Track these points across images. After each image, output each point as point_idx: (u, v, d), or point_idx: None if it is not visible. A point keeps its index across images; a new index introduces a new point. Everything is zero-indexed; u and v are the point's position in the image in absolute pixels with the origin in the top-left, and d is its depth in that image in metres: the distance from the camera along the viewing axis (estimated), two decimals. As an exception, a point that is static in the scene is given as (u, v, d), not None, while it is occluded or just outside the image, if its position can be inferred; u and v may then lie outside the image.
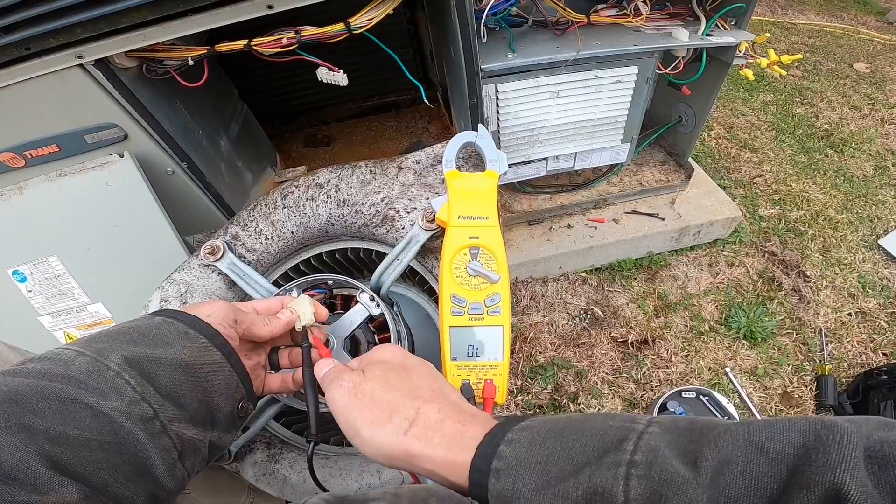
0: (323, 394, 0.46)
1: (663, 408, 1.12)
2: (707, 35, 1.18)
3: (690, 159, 1.60)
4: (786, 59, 1.29)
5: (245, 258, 0.72)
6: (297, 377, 0.54)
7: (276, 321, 0.52)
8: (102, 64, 0.77)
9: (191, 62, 0.80)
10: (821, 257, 1.59)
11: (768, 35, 1.42)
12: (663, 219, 1.52)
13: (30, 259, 0.92)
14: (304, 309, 0.53)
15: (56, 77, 0.77)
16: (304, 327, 0.53)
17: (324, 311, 0.55)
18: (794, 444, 0.27)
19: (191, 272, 0.71)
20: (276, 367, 0.55)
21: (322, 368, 0.48)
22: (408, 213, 0.70)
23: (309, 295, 0.57)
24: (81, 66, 0.76)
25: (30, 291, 0.95)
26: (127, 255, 0.95)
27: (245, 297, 0.72)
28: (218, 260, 0.70)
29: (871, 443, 0.25)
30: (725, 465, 0.28)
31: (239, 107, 1.33)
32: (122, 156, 0.88)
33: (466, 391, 0.56)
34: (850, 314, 1.44)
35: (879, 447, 0.25)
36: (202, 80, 0.84)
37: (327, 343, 0.58)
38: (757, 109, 2.22)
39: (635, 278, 1.54)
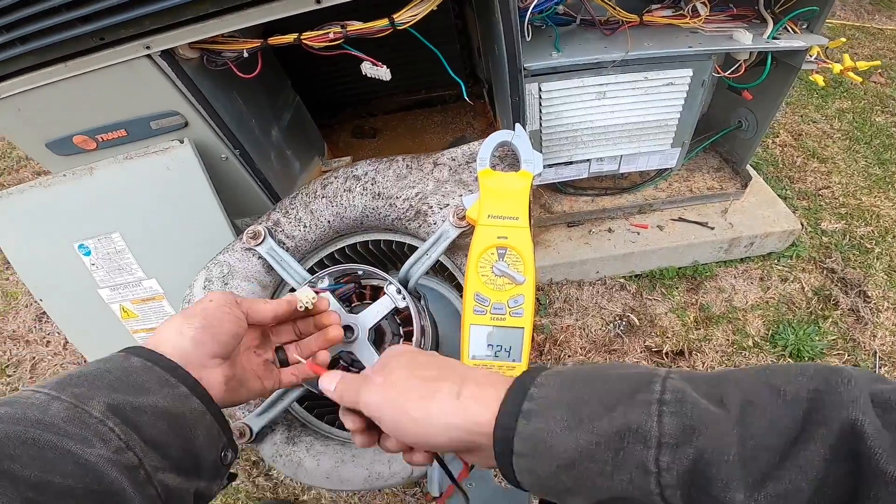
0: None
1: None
2: (774, 38, 1.11)
3: (749, 167, 1.51)
4: (861, 64, 1.19)
5: (284, 244, 0.75)
6: (303, 370, 0.54)
7: (277, 300, 0.53)
8: (168, 55, 0.82)
9: (246, 54, 0.85)
10: (885, 277, 1.47)
11: (844, 40, 1.32)
12: (712, 228, 1.45)
13: (95, 234, 1.00)
14: (302, 294, 0.54)
15: (126, 66, 0.83)
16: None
17: (325, 303, 0.56)
18: (807, 388, 0.29)
19: (234, 255, 0.76)
20: (284, 363, 0.56)
21: (331, 381, 0.46)
22: (440, 208, 0.71)
23: (329, 291, 0.60)
24: (149, 56, 0.82)
25: (93, 265, 1.03)
26: (180, 235, 1.01)
27: (281, 281, 0.76)
28: (259, 244, 0.74)
29: (873, 391, 0.27)
30: (748, 404, 0.30)
31: (292, 97, 1.38)
32: (182, 142, 0.94)
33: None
34: (911, 340, 1.33)
35: (880, 393, 0.27)
36: (255, 72, 0.88)
37: (351, 330, 0.61)
38: (831, 117, 2.07)
39: (677, 287, 1.48)
